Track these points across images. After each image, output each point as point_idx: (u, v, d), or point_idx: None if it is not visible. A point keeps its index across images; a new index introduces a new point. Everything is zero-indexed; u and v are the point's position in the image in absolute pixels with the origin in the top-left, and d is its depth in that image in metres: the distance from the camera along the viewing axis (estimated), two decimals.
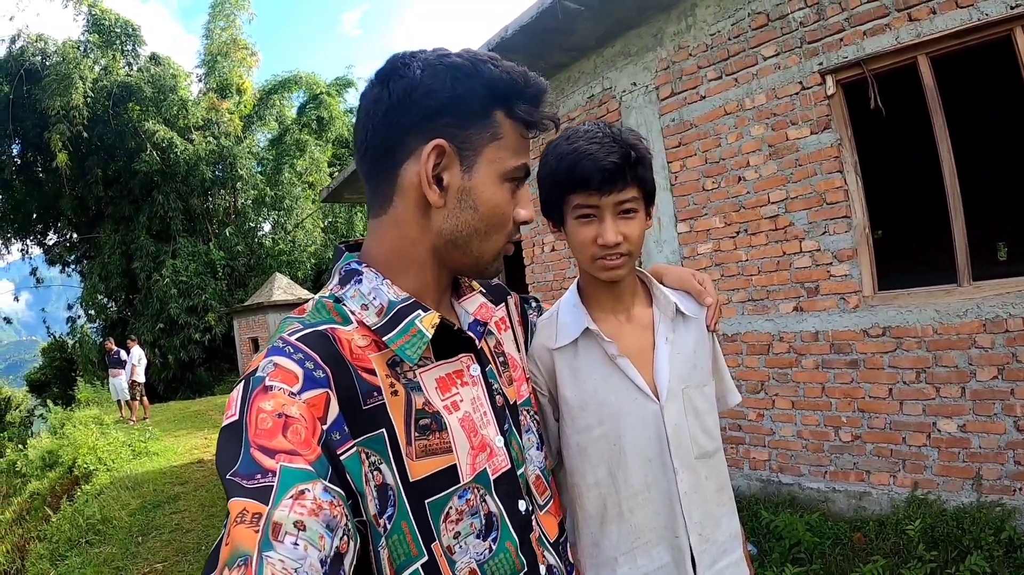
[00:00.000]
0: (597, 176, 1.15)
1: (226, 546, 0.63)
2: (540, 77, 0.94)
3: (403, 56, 0.90)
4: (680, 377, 1.25)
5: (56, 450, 11.20)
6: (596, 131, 1.20)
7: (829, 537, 3.81)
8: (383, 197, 0.93)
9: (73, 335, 23.50)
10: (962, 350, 3.56)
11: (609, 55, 5.54)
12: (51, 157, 18.31)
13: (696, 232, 4.93)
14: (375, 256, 0.95)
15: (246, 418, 0.71)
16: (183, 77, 21.70)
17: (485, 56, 0.90)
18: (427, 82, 0.86)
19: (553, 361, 1.28)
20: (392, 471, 0.82)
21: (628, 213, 1.20)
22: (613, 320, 1.30)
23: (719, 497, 1.28)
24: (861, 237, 3.99)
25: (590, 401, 1.24)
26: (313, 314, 0.89)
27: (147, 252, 20.88)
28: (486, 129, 0.89)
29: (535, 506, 1.05)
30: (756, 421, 4.61)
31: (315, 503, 0.67)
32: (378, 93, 0.89)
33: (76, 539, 6.92)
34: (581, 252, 1.23)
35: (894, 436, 3.87)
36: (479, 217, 0.91)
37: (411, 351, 0.88)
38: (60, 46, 18.98)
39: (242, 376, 0.79)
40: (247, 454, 0.68)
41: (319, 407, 0.76)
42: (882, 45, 3.75)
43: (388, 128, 0.88)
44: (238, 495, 0.65)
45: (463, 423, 0.92)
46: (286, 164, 23.01)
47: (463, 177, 0.89)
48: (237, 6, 23.50)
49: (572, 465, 1.27)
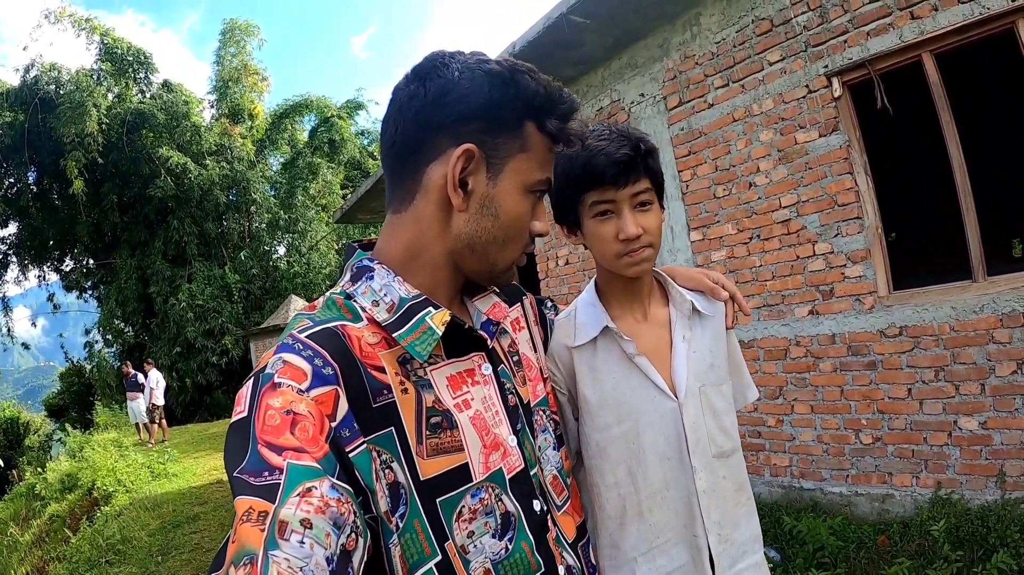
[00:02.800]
0: (612, 170, 1.16)
1: (232, 544, 0.63)
2: (573, 95, 0.95)
3: (442, 56, 0.91)
4: (697, 375, 1.26)
5: (75, 473, 11.26)
6: (603, 129, 1.21)
7: (853, 541, 3.78)
8: (405, 194, 0.93)
9: (91, 360, 23.65)
10: (980, 346, 3.54)
11: (616, 67, 5.59)
12: (67, 184, 18.54)
13: (709, 240, 4.94)
14: (389, 253, 0.95)
15: (255, 415, 0.72)
16: (195, 103, 21.97)
17: (523, 67, 0.90)
18: (464, 85, 0.87)
19: (572, 359, 1.28)
20: (403, 469, 0.82)
21: (644, 206, 1.21)
22: (631, 319, 1.31)
23: (738, 497, 1.28)
24: (874, 237, 3.99)
25: (609, 399, 1.24)
26: (324, 311, 0.89)
27: (163, 276, 21.04)
28: (516, 139, 0.90)
29: (552, 506, 1.05)
30: (776, 427, 4.58)
31: (322, 501, 0.68)
32: (414, 89, 0.89)
33: (96, 559, 6.95)
34: (605, 249, 1.23)
35: (915, 436, 3.84)
36: (499, 225, 0.92)
37: (421, 348, 0.88)
38: (74, 75, 19.24)
39: (252, 373, 0.80)
40: (254, 451, 0.69)
41: (328, 404, 0.76)
42: (886, 44, 3.77)
43: (420, 126, 0.89)
44: (245, 493, 0.66)
45: (474, 421, 0.91)
46: (299, 187, 23.15)
47: (488, 184, 0.90)
48: (247, 32, 23.79)
49: (592, 465, 1.27)
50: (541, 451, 1.08)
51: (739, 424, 1.36)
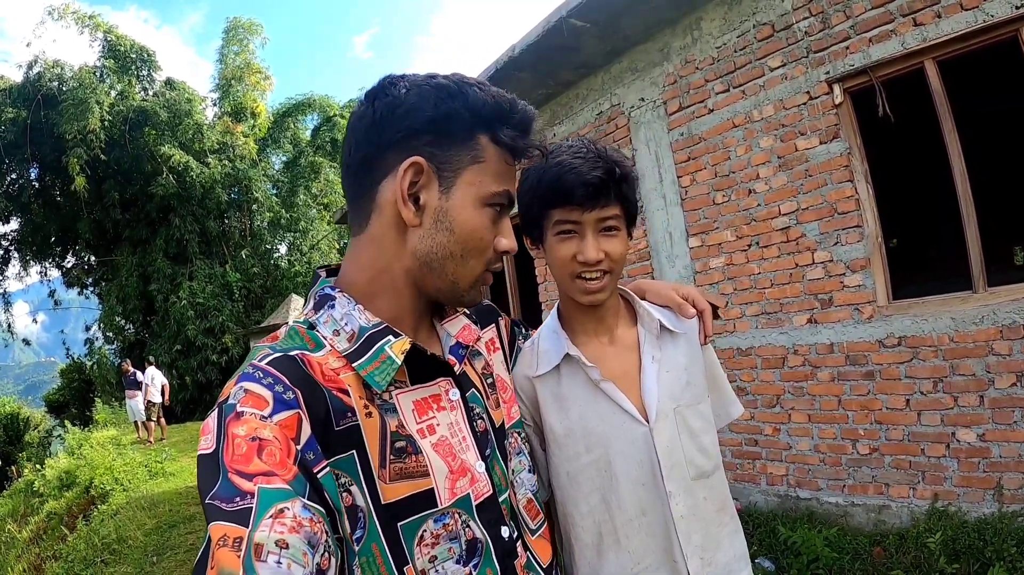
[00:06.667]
0: (580, 190, 1.12)
1: (211, 570, 0.63)
2: (529, 106, 0.94)
3: (392, 77, 0.92)
4: (671, 396, 1.22)
5: (73, 470, 11.25)
6: (580, 146, 1.18)
7: (848, 552, 3.75)
8: (362, 215, 0.93)
9: (91, 356, 23.63)
10: (979, 358, 3.51)
11: (616, 71, 5.56)
12: (69, 181, 18.49)
13: (708, 246, 4.91)
14: (351, 279, 0.95)
15: (222, 445, 0.72)
16: (198, 101, 21.93)
17: (473, 80, 0.90)
18: (411, 101, 0.87)
19: (535, 390, 1.25)
20: (363, 493, 0.82)
21: (610, 231, 1.17)
22: (596, 343, 1.27)
23: (720, 517, 1.25)
24: (874, 246, 3.96)
25: (576, 428, 1.21)
26: (286, 340, 0.89)
27: (164, 274, 21.02)
28: (467, 151, 0.89)
29: (525, 530, 1.05)
30: (772, 436, 4.55)
31: (295, 521, 0.68)
32: (364, 110, 0.90)
33: (91, 558, 6.94)
34: (560, 270, 1.21)
35: (912, 447, 3.81)
36: (455, 239, 0.90)
37: (379, 378, 0.87)
38: (76, 72, 19.20)
39: (216, 403, 0.80)
40: (225, 479, 0.69)
41: (292, 428, 0.76)
42: (888, 51, 3.75)
43: (369, 144, 0.89)
44: (218, 519, 0.66)
45: (437, 447, 0.91)
46: (301, 186, 23.16)
47: (440, 198, 0.89)
48: (250, 31, 23.77)
49: (563, 495, 1.24)
50: (515, 474, 1.08)
51: (736, 432, 1.34)
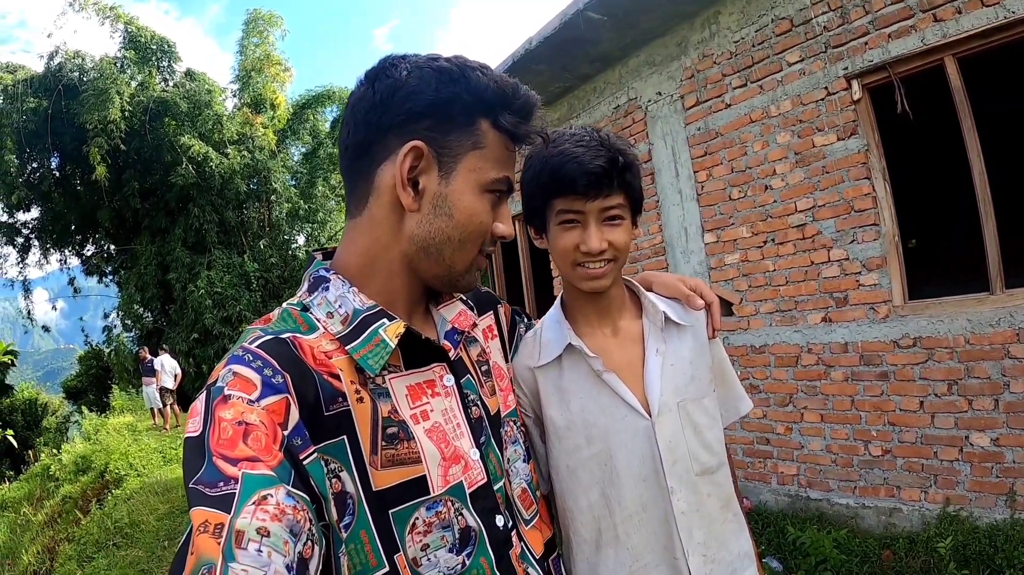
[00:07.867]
0: (583, 180, 1.10)
1: (191, 556, 0.62)
2: (531, 91, 0.92)
3: (393, 58, 0.90)
4: (675, 390, 1.19)
5: (89, 455, 11.43)
6: (583, 134, 1.15)
7: (857, 555, 3.71)
8: (360, 198, 0.92)
9: (109, 344, 23.86)
10: (995, 360, 3.45)
11: (634, 65, 5.52)
12: (89, 170, 18.65)
13: (723, 242, 4.87)
14: (346, 262, 0.93)
15: (208, 428, 0.71)
16: (218, 92, 22.02)
17: (475, 64, 0.89)
18: (412, 83, 0.85)
19: (536, 381, 1.23)
20: (353, 479, 0.80)
21: (613, 220, 1.15)
22: (599, 334, 1.25)
23: (724, 514, 1.22)
24: (890, 245, 3.90)
25: (577, 421, 1.19)
26: (278, 322, 0.87)
27: (182, 263, 21.18)
28: (468, 136, 0.88)
29: (519, 520, 1.03)
30: (784, 435, 4.50)
31: (278, 508, 0.66)
32: (364, 91, 0.89)
33: (104, 542, 7.05)
34: (562, 259, 1.18)
35: (925, 450, 3.75)
36: (453, 225, 0.89)
37: (373, 361, 0.86)
38: (97, 62, 19.35)
39: (204, 386, 0.79)
40: (210, 463, 0.68)
41: (279, 413, 0.75)
42: (908, 47, 3.68)
43: (368, 127, 0.88)
44: (200, 504, 0.65)
45: (431, 433, 0.89)
46: (320, 178, 23.24)
47: (440, 183, 0.88)
48: (270, 23, 23.85)
49: (563, 488, 1.22)
50: (510, 463, 1.06)
51: (747, 431, 1.31)
